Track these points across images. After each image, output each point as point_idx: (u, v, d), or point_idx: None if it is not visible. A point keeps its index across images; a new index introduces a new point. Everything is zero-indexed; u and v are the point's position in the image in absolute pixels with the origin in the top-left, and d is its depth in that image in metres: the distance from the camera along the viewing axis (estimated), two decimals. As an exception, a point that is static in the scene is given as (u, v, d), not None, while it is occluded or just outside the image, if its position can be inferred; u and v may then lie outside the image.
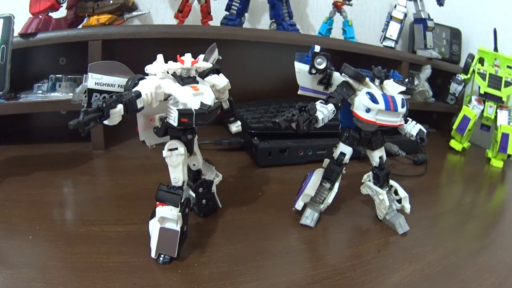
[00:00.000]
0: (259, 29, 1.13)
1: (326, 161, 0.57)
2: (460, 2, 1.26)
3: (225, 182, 0.61)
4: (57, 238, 0.49)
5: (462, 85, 1.03)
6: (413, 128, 0.56)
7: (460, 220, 0.64)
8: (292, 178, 0.72)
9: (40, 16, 0.75)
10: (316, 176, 0.56)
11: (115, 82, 0.46)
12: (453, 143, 1.03)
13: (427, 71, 1.08)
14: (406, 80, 0.55)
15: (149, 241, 0.46)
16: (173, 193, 0.45)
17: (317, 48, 0.51)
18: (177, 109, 0.43)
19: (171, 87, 0.44)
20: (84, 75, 0.46)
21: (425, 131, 0.57)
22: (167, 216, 0.45)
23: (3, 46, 0.65)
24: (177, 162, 0.46)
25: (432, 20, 1.05)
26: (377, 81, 0.52)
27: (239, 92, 0.64)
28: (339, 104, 0.50)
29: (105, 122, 0.38)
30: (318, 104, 0.48)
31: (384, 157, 0.57)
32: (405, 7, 1.06)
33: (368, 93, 0.50)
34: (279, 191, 0.68)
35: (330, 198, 0.56)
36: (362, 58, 1.01)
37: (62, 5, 0.76)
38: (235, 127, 0.57)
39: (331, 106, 0.49)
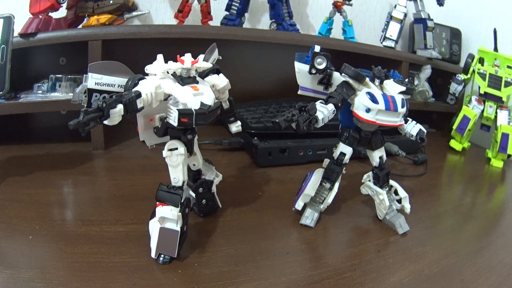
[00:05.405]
0: (259, 29, 1.13)
1: (326, 161, 0.57)
2: (460, 2, 1.26)
3: (225, 182, 0.61)
4: (57, 238, 0.49)
5: (462, 85, 1.03)
6: (413, 128, 0.56)
7: (460, 220, 0.64)
8: (292, 178, 0.72)
9: (40, 16, 0.75)
10: (316, 176, 0.56)
11: (115, 82, 0.46)
12: (453, 143, 1.03)
13: (427, 71, 1.08)
14: (406, 80, 0.55)
15: (149, 241, 0.46)
16: (173, 193, 0.45)
17: (317, 48, 0.51)
18: (177, 109, 0.43)
19: (171, 87, 0.44)
20: (84, 75, 0.46)
21: (425, 131, 0.57)
22: (167, 216, 0.45)
23: (3, 46, 0.65)
24: (177, 162, 0.46)
25: (432, 20, 1.05)
26: (377, 81, 0.52)
27: (239, 92, 0.64)
28: (339, 104, 0.50)
29: (105, 122, 0.38)
30: (318, 104, 0.48)
31: (384, 157, 0.57)
32: (405, 7, 1.06)
33: (368, 93, 0.50)
34: (279, 191, 0.68)
35: (330, 198, 0.56)
36: (362, 58, 1.01)
37: (62, 5, 0.76)
38: (235, 127, 0.57)
39: (331, 106, 0.49)
